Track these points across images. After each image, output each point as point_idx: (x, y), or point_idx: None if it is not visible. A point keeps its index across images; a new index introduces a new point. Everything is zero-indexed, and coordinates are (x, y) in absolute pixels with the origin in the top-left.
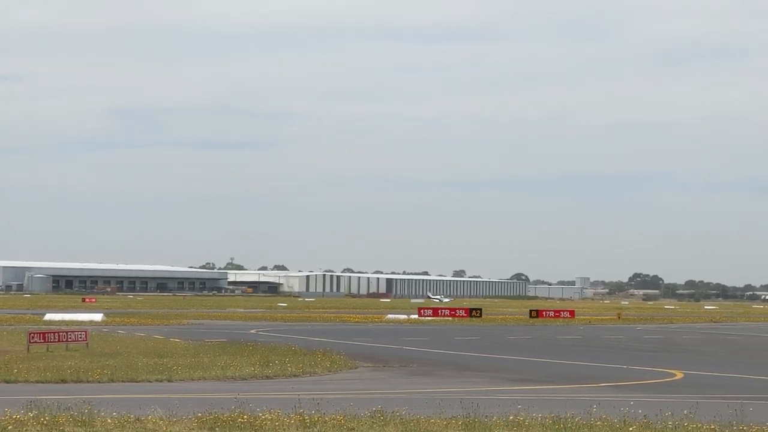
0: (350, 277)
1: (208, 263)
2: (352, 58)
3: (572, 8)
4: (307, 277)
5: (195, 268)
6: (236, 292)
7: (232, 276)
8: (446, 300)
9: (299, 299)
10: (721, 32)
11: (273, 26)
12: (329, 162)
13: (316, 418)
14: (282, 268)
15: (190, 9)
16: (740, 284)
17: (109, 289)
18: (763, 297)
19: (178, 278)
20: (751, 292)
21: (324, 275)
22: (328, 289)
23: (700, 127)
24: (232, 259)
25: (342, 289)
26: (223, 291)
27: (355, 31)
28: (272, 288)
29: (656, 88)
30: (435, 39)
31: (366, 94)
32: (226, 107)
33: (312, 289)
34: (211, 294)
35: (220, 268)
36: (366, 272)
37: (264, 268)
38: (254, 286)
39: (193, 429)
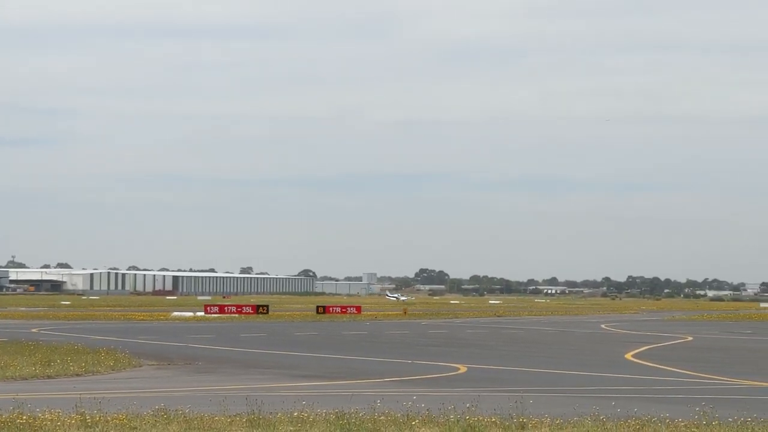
0: (135, 274)
1: None
2: (141, 55)
3: (360, 8)
4: (91, 275)
5: None
6: (18, 290)
7: (13, 274)
8: (403, 298)
9: (83, 297)
10: (502, 32)
11: (58, 23)
12: (115, 159)
13: (98, 418)
14: (65, 266)
15: None
16: (523, 279)
17: None
18: (545, 291)
19: None
20: (533, 287)
21: (108, 273)
22: (113, 287)
23: (486, 126)
24: (13, 257)
25: (127, 287)
26: (3, 289)
27: (143, 28)
28: (55, 286)
29: (445, 88)
30: (224, 37)
31: (156, 91)
32: (6, 104)
33: (96, 287)
34: None
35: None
36: (152, 269)
37: (47, 266)
38: (36, 284)
39: None
